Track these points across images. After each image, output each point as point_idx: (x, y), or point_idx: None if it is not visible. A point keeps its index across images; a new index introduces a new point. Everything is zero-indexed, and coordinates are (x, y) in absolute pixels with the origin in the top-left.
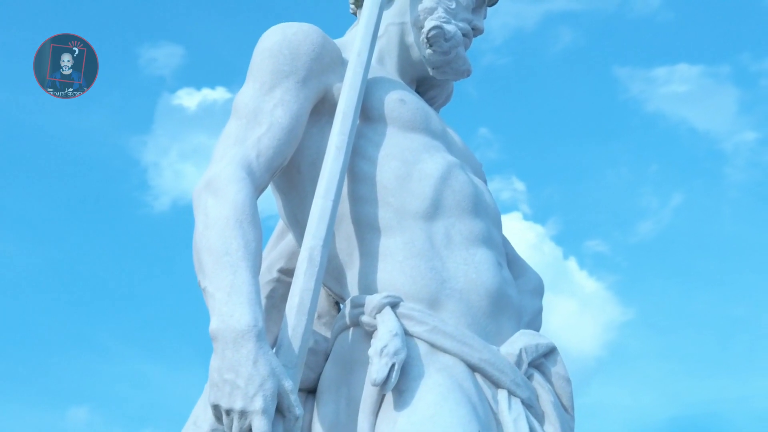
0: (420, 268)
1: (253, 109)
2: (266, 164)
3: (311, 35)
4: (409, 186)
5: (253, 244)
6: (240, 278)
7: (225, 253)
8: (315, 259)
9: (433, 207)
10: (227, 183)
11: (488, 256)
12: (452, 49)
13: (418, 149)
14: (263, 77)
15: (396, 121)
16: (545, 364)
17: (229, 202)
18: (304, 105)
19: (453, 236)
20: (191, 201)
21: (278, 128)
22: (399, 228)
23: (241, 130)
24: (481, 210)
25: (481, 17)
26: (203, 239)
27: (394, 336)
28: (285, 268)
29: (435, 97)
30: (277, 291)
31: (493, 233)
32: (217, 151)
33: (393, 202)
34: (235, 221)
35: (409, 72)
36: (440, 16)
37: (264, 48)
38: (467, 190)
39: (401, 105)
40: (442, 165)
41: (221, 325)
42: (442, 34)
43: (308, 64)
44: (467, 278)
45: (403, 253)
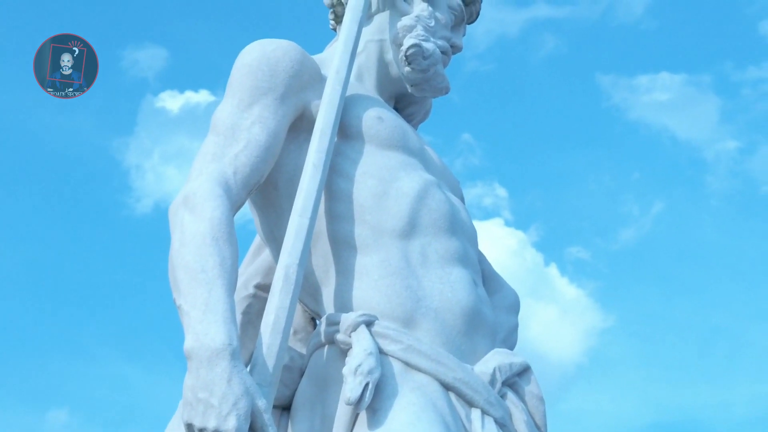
0: (395, 286)
1: (231, 125)
2: (243, 181)
3: (290, 52)
4: (385, 204)
5: (228, 261)
6: (215, 296)
7: (201, 271)
8: (291, 277)
9: (409, 225)
10: (204, 200)
11: (464, 275)
12: (431, 66)
13: (396, 167)
14: (242, 94)
15: (374, 138)
16: (519, 383)
17: (206, 220)
18: (282, 122)
19: (429, 255)
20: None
21: (255, 145)
22: (375, 246)
23: (218, 146)
24: (457, 228)
25: (460, 35)
26: (179, 256)
27: (369, 355)
28: (261, 283)
29: (413, 114)
30: (253, 307)
31: (469, 251)
32: (195, 168)
33: (370, 220)
34: (211, 239)
35: (388, 89)
36: (419, 34)
37: (243, 64)
38: (443, 208)
39: (379, 123)
40: (419, 183)
41: (195, 344)
42: (421, 52)
43: (287, 81)
44: (442, 297)
45: (378, 271)
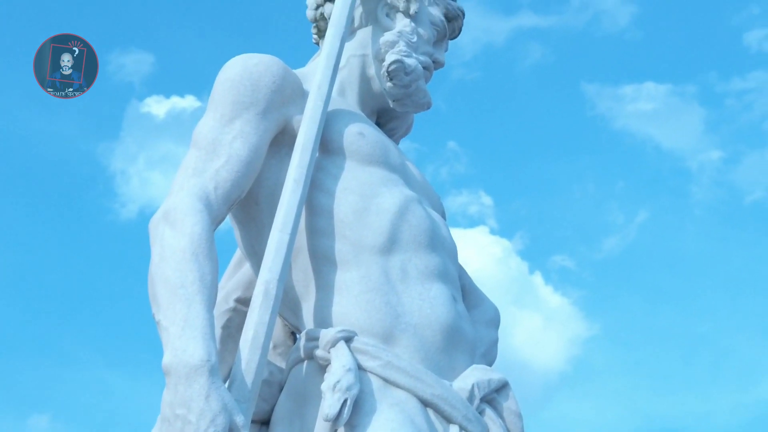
0: (375, 302)
1: (212, 140)
2: (224, 196)
3: (272, 67)
4: (366, 220)
5: (208, 277)
6: (194, 312)
7: (180, 286)
8: (270, 293)
9: (389, 241)
10: (184, 215)
11: (443, 291)
12: (413, 82)
13: (376, 183)
14: (223, 108)
15: (355, 154)
16: (497, 399)
17: (186, 235)
18: (264, 137)
19: (409, 271)
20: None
21: (237, 160)
22: (355, 262)
23: (199, 161)
24: (437, 244)
25: (442, 50)
26: (158, 271)
27: (348, 371)
28: (242, 297)
29: (395, 129)
30: (233, 321)
31: (449, 267)
32: (176, 182)
33: (350, 236)
34: (191, 254)
35: (370, 104)
36: (401, 49)
37: (225, 79)
38: (424, 224)
39: (360, 138)
40: (400, 199)
41: (174, 360)
42: (403, 68)
43: (269, 96)
44: (422, 313)
45: (358, 287)
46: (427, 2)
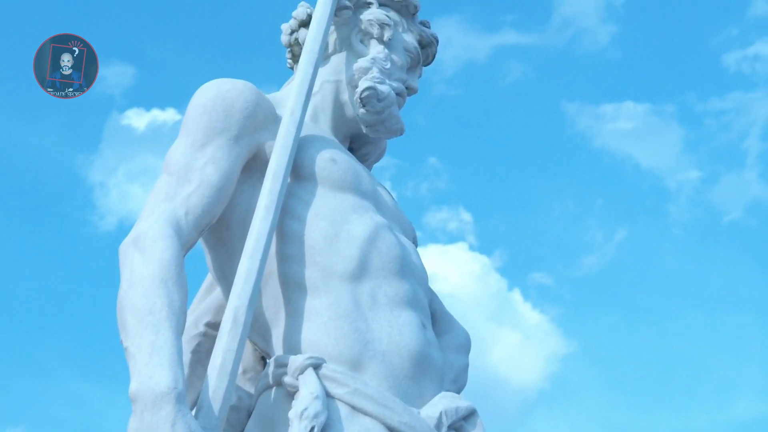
0: (344, 329)
1: (184, 165)
2: (195, 222)
3: (245, 93)
4: (336, 246)
5: (177, 303)
6: (162, 339)
7: (148, 313)
8: (239, 320)
9: (359, 268)
10: (154, 240)
11: (412, 318)
12: (385, 108)
13: (347, 209)
14: (196, 133)
15: (326, 180)
16: (465, 427)
17: (155, 261)
18: (236, 162)
19: (378, 298)
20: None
21: (208, 186)
22: (325, 288)
23: (171, 186)
24: (407, 271)
25: (416, 76)
26: (127, 297)
27: (315, 398)
28: (212, 321)
29: (368, 154)
30: (203, 345)
31: (419, 294)
32: (147, 207)
33: (320, 262)
34: (160, 280)
35: (343, 129)
36: (374, 76)
37: (198, 104)
38: (394, 251)
39: (332, 164)
40: (370, 226)
41: (141, 387)
42: (375, 94)
43: (241, 122)
44: (390, 340)
45: (328, 313)
46: (401, 29)
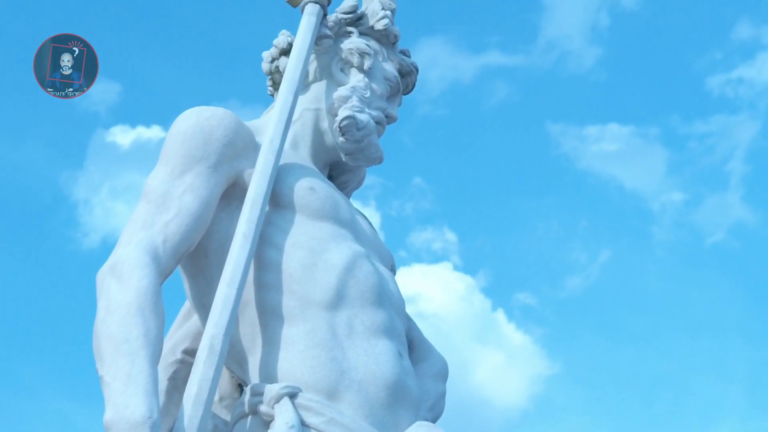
0: (320, 358)
1: (163, 193)
2: (172, 250)
3: (224, 120)
4: (314, 275)
5: (153, 332)
6: (137, 367)
7: (124, 341)
8: (215, 348)
9: (336, 297)
10: (131, 268)
11: (389, 347)
12: (365, 137)
13: (325, 238)
14: (174, 161)
15: (305, 209)
16: None
17: (132, 289)
18: (215, 190)
19: (355, 326)
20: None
21: (186, 214)
22: (302, 317)
23: (149, 214)
24: (384, 300)
25: (395, 105)
26: (103, 325)
27: (290, 428)
28: (189, 348)
29: (347, 182)
30: (180, 373)
31: (396, 323)
32: (124, 235)
33: (298, 291)
34: (136, 308)
35: (323, 157)
36: (354, 105)
37: (177, 131)
38: (371, 280)
39: (311, 193)
40: (348, 255)
41: (116, 416)
42: (355, 123)
43: (220, 150)
44: (367, 369)
45: (305, 342)
46: (381, 58)
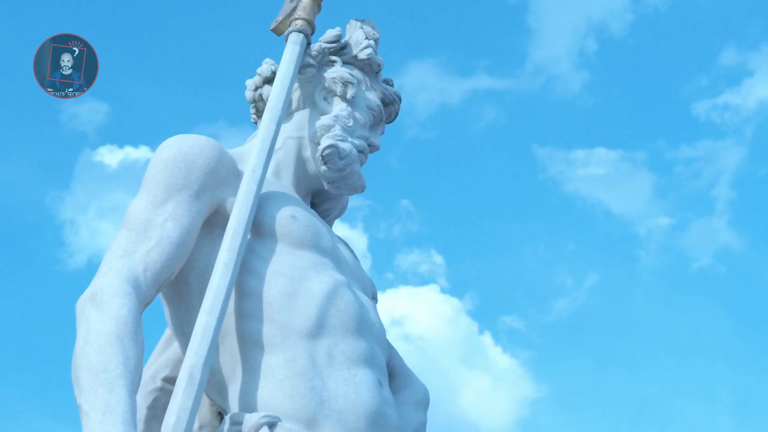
0: (300, 387)
1: (144, 221)
2: (153, 278)
3: (207, 149)
4: (294, 304)
5: (132, 361)
6: (116, 397)
7: (103, 370)
8: (195, 378)
9: (317, 326)
10: (111, 297)
11: (369, 377)
12: (347, 166)
13: (306, 267)
14: (156, 189)
15: (286, 237)
16: None
17: (112, 318)
18: (196, 219)
19: (335, 356)
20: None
21: (167, 242)
22: (282, 345)
23: (130, 242)
24: (365, 329)
25: (378, 134)
26: (82, 354)
27: None
28: (170, 376)
29: (329, 210)
30: (159, 401)
31: (376, 352)
32: (105, 263)
33: (278, 319)
34: (116, 337)
35: (305, 185)
36: (336, 134)
37: (160, 160)
38: (352, 309)
39: (292, 222)
40: (329, 284)
41: None
42: (337, 152)
43: (202, 178)
44: (346, 398)
45: (284, 371)
46: (365, 87)
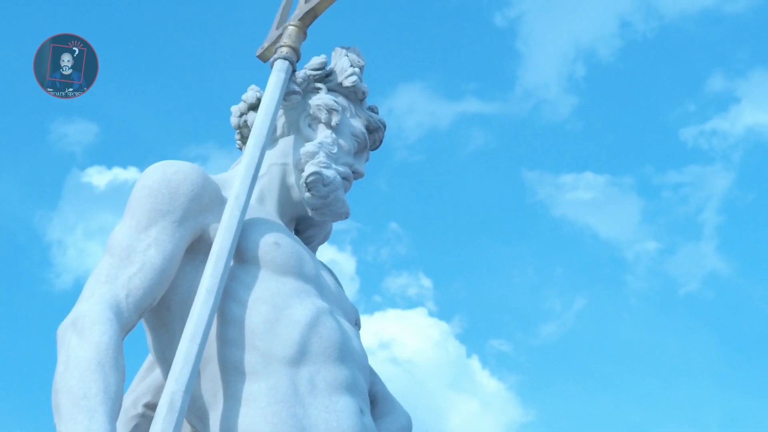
0: (281, 414)
1: (127, 247)
2: (135, 304)
3: (191, 175)
4: (277, 331)
5: (113, 388)
6: (96, 424)
7: (83, 397)
8: (175, 405)
9: (299, 353)
10: (93, 323)
11: (350, 404)
12: (331, 193)
13: (289, 294)
14: (140, 215)
15: (269, 264)
16: None
17: (93, 344)
18: (179, 245)
19: (317, 383)
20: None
21: (150, 269)
22: (264, 373)
23: (112, 268)
24: (347, 357)
25: (362, 161)
26: (62, 381)
27: None
28: (151, 402)
29: (313, 236)
30: (140, 427)
31: (358, 379)
32: (87, 289)
33: (260, 346)
34: (96, 364)
35: (289, 211)
36: (321, 161)
37: (143, 186)
38: (334, 336)
39: (275, 248)
40: (311, 311)
41: None
42: (321, 179)
43: (186, 204)
44: (328, 426)
45: (266, 398)
46: (349, 114)
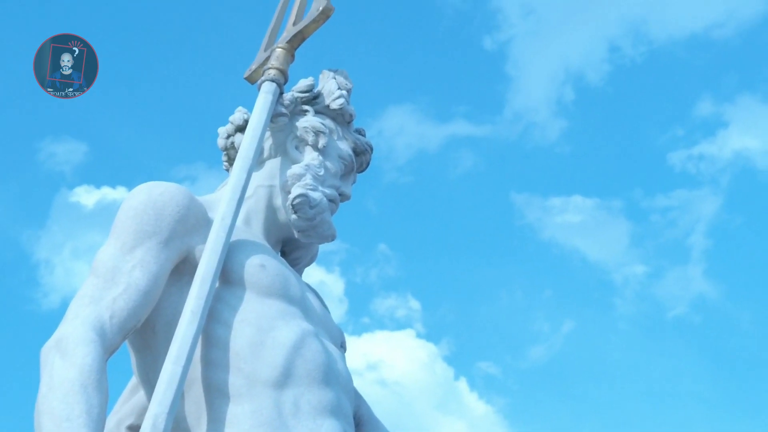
0: None
1: (112, 268)
2: (119, 326)
3: (177, 197)
4: (261, 353)
5: (96, 410)
6: None
7: (65, 419)
8: (158, 427)
9: (283, 376)
10: (76, 345)
11: (335, 427)
12: (317, 215)
13: (274, 316)
14: (125, 237)
15: (254, 286)
16: None
17: (76, 366)
18: (165, 266)
19: (301, 406)
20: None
21: (135, 290)
22: (248, 395)
23: (97, 289)
24: (332, 379)
25: (349, 183)
26: (45, 402)
27: None
28: (135, 424)
29: (299, 258)
30: None
31: (343, 402)
32: (71, 310)
33: (245, 369)
34: (79, 386)
35: (275, 233)
36: (307, 183)
37: (129, 207)
38: (319, 359)
39: (261, 270)
40: (296, 333)
41: None
42: (308, 201)
43: (172, 226)
44: None
45: (250, 421)
46: (336, 137)
